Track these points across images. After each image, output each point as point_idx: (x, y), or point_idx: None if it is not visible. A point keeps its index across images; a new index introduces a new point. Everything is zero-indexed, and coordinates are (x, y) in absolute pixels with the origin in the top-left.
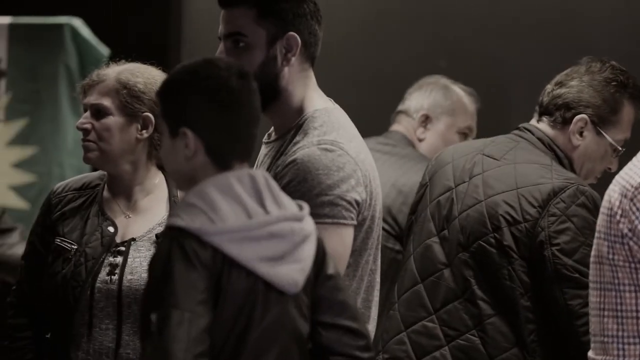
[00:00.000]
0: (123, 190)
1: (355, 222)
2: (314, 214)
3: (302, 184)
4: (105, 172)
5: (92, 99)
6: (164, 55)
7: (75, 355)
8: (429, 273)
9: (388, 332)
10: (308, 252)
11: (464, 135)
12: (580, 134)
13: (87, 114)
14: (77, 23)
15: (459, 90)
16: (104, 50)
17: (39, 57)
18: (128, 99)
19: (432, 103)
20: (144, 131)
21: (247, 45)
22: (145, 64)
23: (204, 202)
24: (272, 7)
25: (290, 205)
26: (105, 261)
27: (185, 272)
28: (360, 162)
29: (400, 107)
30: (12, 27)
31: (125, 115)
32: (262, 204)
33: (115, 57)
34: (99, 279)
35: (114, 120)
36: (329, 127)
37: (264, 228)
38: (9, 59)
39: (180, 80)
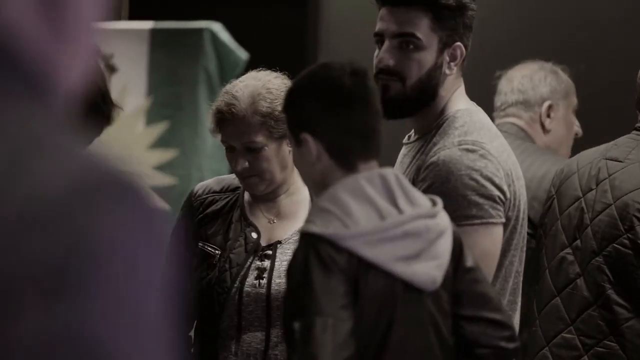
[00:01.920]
0: (267, 196)
1: (503, 220)
2: (461, 216)
3: (445, 185)
4: None
5: (241, 140)
6: (301, 58)
7: (223, 357)
8: (564, 285)
9: (532, 348)
10: (444, 247)
11: (575, 113)
12: None
13: (239, 153)
14: (217, 27)
15: (561, 71)
16: (243, 54)
17: (179, 62)
18: (274, 124)
19: (551, 90)
20: (299, 149)
21: (418, 48)
22: (281, 71)
23: (337, 207)
24: (447, 15)
25: (424, 201)
26: (253, 265)
27: (324, 278)
28: (503, 162)
29: (514, 99)
30: (153, 32)
31: (276, 140)
32: (395, 204)
33: (253, 61)
34: (247, 282)
35: (268, 150)
36: (470, 127)
37: (398, 228)
38: (150, 63)
39: (296, 89)
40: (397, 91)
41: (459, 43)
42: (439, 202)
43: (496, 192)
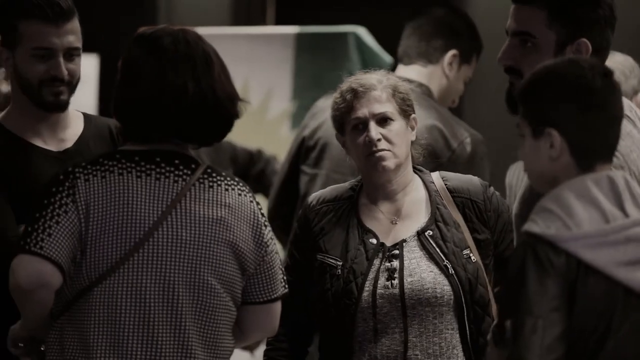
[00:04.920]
0: (386, 196)
1: None
2: None
3: None
4: (359, 182)
5: (374, 110)
6: None
7: None
8: None
9: None
10: None
11: None
12: None
13: (370, 126)
14: (362, 31)
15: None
16: (388, 58)
17: (323, 66)
18: (401, 102)
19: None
20: (413, 133)
21: (534, 47)
22: None
23: (560, 207)
24: (565, 10)
25: None
26: (382, 267)
27: (539, 279)
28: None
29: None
30: (298, 37)
31: (402, 117)
32: (622, 207)
33: (397, 65)
34: (379, 285)
35: (397, 124)
36: None
37: (621, 232)
38: (295, 68)
39: (544, 81)
40: None
41: (584, 40)
42: None
43: None
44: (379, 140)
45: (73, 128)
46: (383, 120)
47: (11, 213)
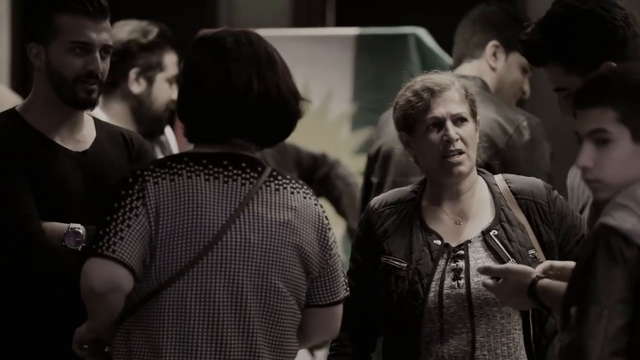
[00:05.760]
0: (451, 197)
1: None
2: None
3: None
4: (421, 185)
5: (449, 108)
6: None
7: None
8: None
9: None
10: None
11: None
12: None
13: (448, 126)
14: (422, 33)
15: None
16: (448, 59)
17: (384, 67)
18: (471, 103)
19: None
20: (477, 134)
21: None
22: None
23: (635, 203)
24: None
25: None
26: (447, 267)
27: (608, 269)
28: None
29: None
30: (359, 39)
31: (472, 118)
32: None
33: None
34: (445, 285)
35: (471, 126)
36: None
37: None
38: (355, 69)
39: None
40: None
41: None
42: None
43: None
44: (456, 140)
45: (87, 130)
46: (459, 120)
47: (33, 203)
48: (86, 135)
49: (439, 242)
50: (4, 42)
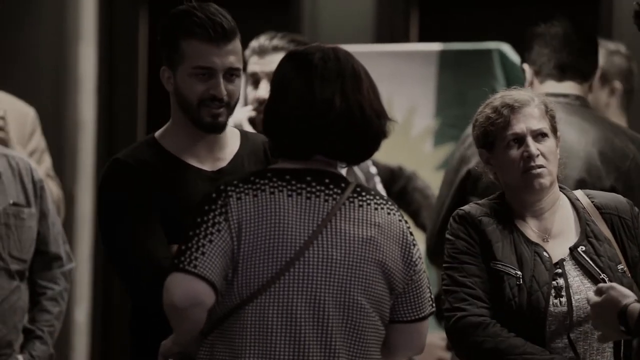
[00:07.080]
0: (534, 214)
1: None
2: None
3: None
4: (499, 200)
5: (531, 126)
6: None
7: None
8: None
9: None
10: None
11: None
12: None
13: (528, 141)
14: (506, 48)
15: None
16: None
17: (467, 83)
18: (551, 119)
19: None
20: (558, 150)
21: None
22: None
23: None
24: None
25: None
26: (551, 284)
27: None
28: None
29: None
30: (442, 54)
31: (553, 134)
32: None
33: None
34: (550, 302)
35: (551, 141)
36: None
37: None
38: (438, 85)
39: None
40: None
41: None
42: None
43: None
44: (537, 156)
45: (230, 147)
46: (539, 136)
47: (162, 235)
48: (227, 152)
49: (546, 254)
50: (91, 58)
